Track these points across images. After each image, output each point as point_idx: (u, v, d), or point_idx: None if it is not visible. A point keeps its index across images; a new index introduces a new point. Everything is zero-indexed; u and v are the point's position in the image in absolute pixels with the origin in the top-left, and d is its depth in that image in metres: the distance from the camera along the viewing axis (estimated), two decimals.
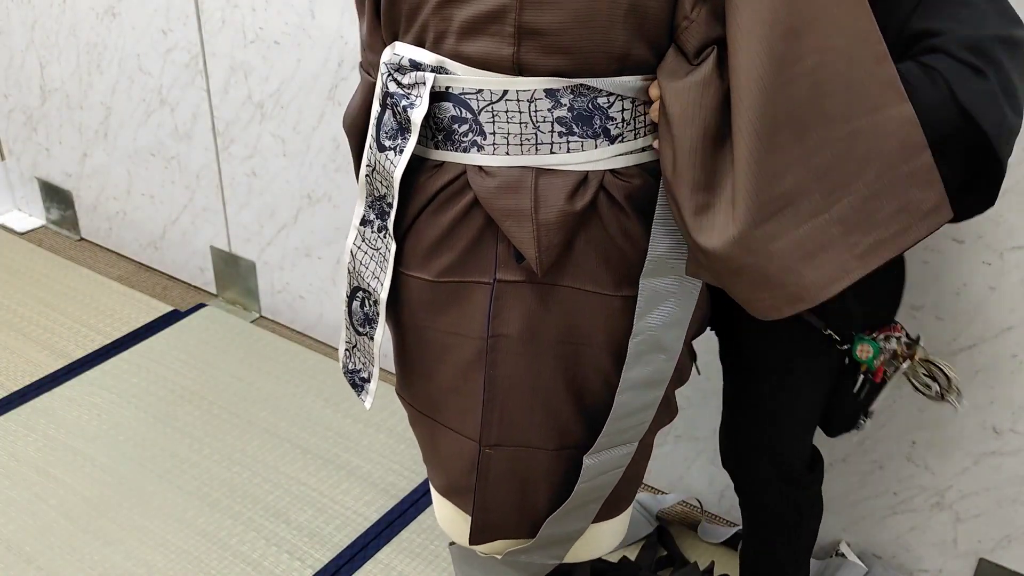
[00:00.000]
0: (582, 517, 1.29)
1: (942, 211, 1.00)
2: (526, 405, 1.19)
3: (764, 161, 0.96)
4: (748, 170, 0.97)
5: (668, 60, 1.04)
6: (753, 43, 0.95)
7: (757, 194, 0.97)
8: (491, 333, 1.15)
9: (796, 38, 0.94)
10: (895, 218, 1.00)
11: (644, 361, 1.17)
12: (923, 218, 1.00)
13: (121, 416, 2.27)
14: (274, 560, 1.90)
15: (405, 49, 1.10)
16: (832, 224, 0.99)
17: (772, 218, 0.98)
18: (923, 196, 0.99)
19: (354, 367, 1.32)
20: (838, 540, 1.87)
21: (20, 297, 2.73)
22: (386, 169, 1.14)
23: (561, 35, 1.01)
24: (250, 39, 2.28)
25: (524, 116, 1.06)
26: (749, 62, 0.95)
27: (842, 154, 0.98)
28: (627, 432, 1.22)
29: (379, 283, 1.20)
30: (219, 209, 2.61)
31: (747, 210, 0.97)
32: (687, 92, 1.01)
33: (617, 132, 1.08)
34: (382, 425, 2.25)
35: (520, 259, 1.12)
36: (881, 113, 0.97)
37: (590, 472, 1.22)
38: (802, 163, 0.97)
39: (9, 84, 2.94)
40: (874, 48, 0.97)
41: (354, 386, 1.33)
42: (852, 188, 0.99)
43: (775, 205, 0.98)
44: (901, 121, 0.98)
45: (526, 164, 1.08)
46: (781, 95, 0.95)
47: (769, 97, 0.95)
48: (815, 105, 0.97)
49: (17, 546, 1.92)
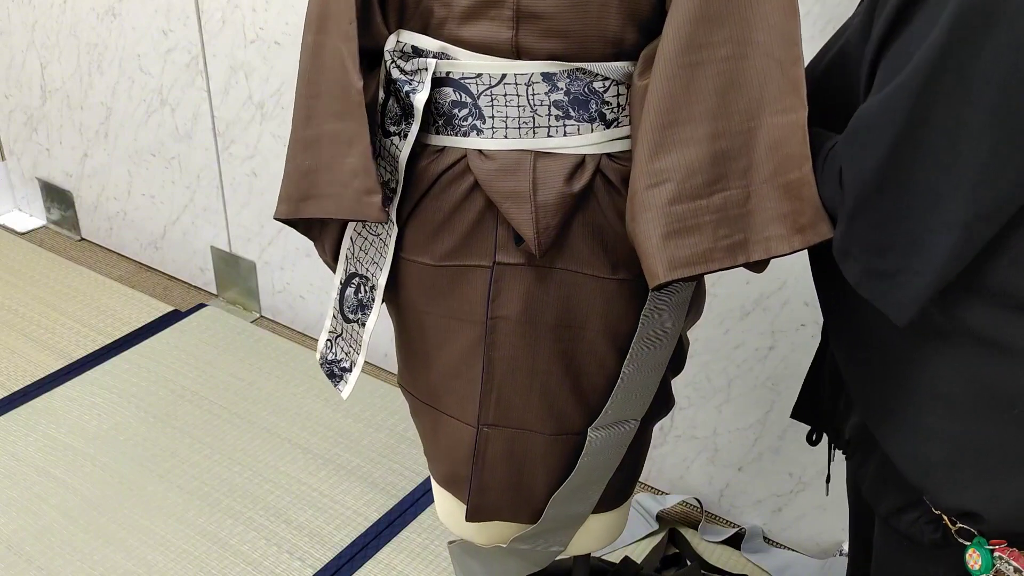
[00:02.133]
0: (584, 499, 1.30)
1: (819, 228, 1.00)
2: (524, 387, 1.20)
3: (656, 131, 1.00)
4: (644, 137, 1.01)
5: (651, 47, 1.07)
6: (671, 23, 1.00)
7: (647, 160, 1.01)
8: (490, 315, 1.17)
9: (710, 25, 0.98)
10: (771, 224, 1.01)
11: (652, 337, 1.20)
12: (799, 231, 1.00)
13: (121, 416, 2.27)
14: (274, 560, 1.90)
15: (408, 36, 1.12)
16: (707, 211, 1.00)
17: (654, 187, 1.01)
18: (800, 209, 1.00)
19: (334, 357, 1.33)
20: (840, 541, 1.87)
21: (21, 297, 2.73)
22: (391, 154, 1.16)
23: (558, 18, 1.04)
24: (250, 39, 2.28)
25: (522, 100, 1.09)
26: (664, 40, 1.00)
27: (738, 148, 1.00)
28: (630, 407, 1.24)
29: (378, 268, 1.22)
30: (219, 209, 2.61)
31: (638, 173, 1.02)
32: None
33: (613, 117, 1.11)
34: (382, 425, 2.25)
35: (519, 242, 1.14)
36: (784, 116, 1.00)
37: (593, 446, 1.24)
38: (695, 145, 1.00)
39: (10, 84, 2.94)
40: (793, 51, 0.99)
41: (331, 376, 1.34)
42: (736, 183, 1.01)
43: (659, 176, 1.01)
44: (795, 128, 1.00)
45: (525, 148, 1.11)
46: (682, 76, 0.99)
47: (669, 74, 0.99)
48: (722, 94, 1.00)
49: (17, 546, 1.92)
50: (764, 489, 1.93)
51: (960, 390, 0.90)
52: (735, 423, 1.91)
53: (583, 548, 1.45)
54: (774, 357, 1.81)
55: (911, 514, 1.00)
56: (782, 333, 1.78)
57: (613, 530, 1.42)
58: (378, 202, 1.11)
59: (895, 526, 1.02)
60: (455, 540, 1.43)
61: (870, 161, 0.87)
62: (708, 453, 1.97)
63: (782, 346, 1.79)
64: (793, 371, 1.81)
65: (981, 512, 0.91)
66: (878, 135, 0.86)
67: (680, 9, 0.98)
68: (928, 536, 0.99)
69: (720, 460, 1.96)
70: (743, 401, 1.88)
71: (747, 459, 1.93)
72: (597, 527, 1.39)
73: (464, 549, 1.41)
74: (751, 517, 1.98)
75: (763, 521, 1.96)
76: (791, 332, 1.77)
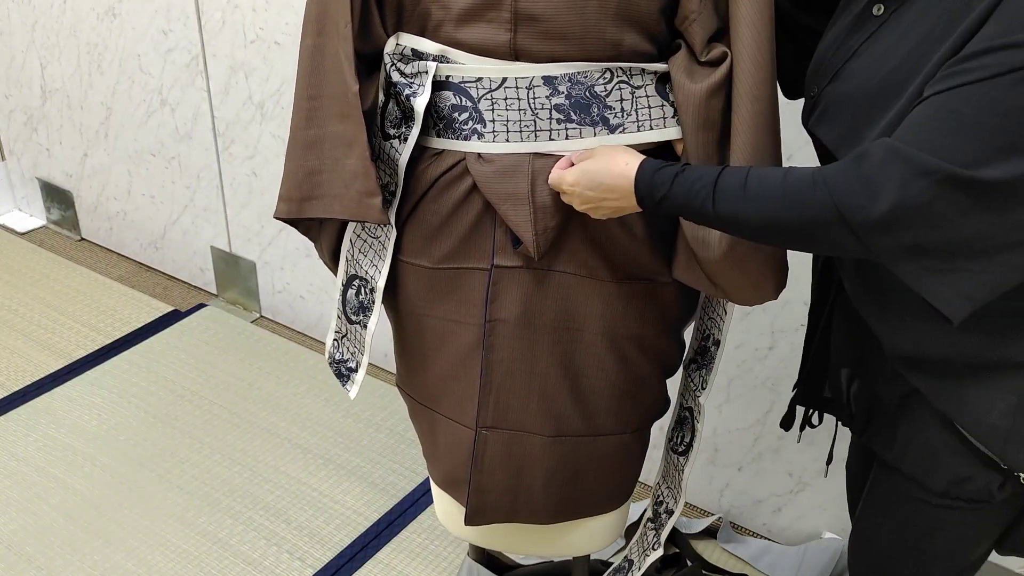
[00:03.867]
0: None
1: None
2: (522, 390, 1.20)
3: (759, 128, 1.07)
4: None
5: (680, 56, 1.08)
6: (756, 32, 1.04)
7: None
8: (488, 318, 1.17)
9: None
10: None
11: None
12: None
13: (121, 416, 2.27)
14: (274, 560, 1.90)
15: (407, 39, 1.12)
16: None
17: None
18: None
19: (341, 357, 1.33)
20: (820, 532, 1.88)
21: (21, 297, 2.73)
22: (391, 157, 1.16)
23: (555, 20, 1.04)
24: (250, 39, 2.28)
25: (523, 103, 1.09)
26: (754, 49, 1.04)
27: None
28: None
29: (377, 271, 1.22)
30: (219, 209, 2.61)
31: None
32: (700, 99, 1.07)
33: (617, 122, 1.10)
34: (382, 425, 2.25)
35: (517, 244, 1.14)
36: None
37: None
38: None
39: (10, 84, 2.94)
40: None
41: (339, 376, 1.35)
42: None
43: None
44: None
45: (525, 151, 1.10)
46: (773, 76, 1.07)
47: (766, 76, 1.05)
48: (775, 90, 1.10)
49: (17, 546, 1.92)
50: (764, 489, 1.93)
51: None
52: (735, 423, 1.91)
53: (582, 549, 1.45)
54: (774, 357, 1.81)
55: (980, 480, 1.06)
56: (782, 333, 1.78)
57: (612, 531, 1.42)
58: (378, 204, 1.12)
59: (958, 495, 1.07)
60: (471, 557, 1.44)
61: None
62: (708, 453, 1.97)
63: (782, 346, 1.79)
64: (793, 371, 1.79)
65: None
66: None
67: (757, 21, 1.05)
68: (997, 496, 1.06)
69: (720, 460, 1.96)
70: (743, 401, 1.88)
71: (747, 459, 1.93)
72: (596, 528, 1.39)
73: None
74: (751, 517, 1.98)
75: (763, 521, 1.96)
76: (791, 332, 1.77)
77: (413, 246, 1.19)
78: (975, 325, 0.95)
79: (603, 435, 1.27)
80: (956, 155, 0.85)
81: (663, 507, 1.42)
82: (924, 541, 1.14)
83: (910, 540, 1.15)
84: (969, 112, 0.85)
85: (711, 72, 1.05)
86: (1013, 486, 1.05)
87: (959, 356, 1.01)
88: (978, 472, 1.05)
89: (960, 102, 0.85)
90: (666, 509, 1.41)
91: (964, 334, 0.99)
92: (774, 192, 0.94)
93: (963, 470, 1.06)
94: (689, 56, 1.08)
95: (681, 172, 0.99)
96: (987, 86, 0.84)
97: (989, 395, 1.01)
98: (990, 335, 0.99)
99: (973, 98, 0.85)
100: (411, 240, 1.19)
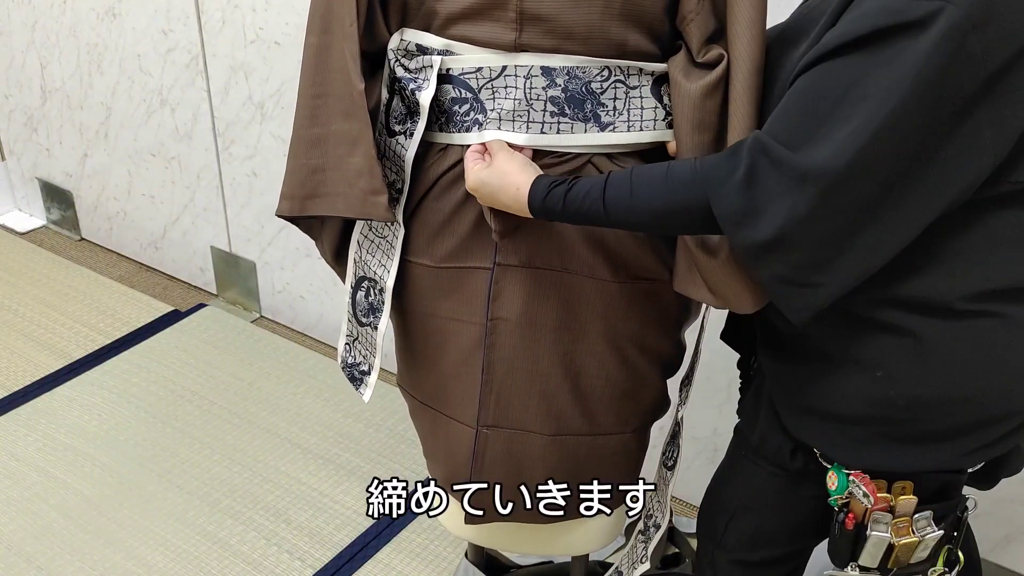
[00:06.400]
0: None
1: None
2: (523, 389, 1.21)
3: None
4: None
5: (679, 56, 1.09)
6: (756, 34, 1.04)
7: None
8: (490, 317, 1.17)
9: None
10: None
11: None
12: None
13: (121, 416, 2.27)
14: (274, 560, 1.90)
15: (412, 34, 1.12)
16: None
17: None
18: None
19: (353, 360, 1.33)
20: None
21: (21, 297, 2.73)
22: (396, 154, 1.16)
23: (560, 20, 1.05)
24: (250, 39, 2.28)
25: (519, 92, 1.09)
26: (753, 50, 1.04)
27: None
28: None
29: (386, 270, 1.21)
30: (219, 209, 2.61)
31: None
32: (695, 98, 1.07)
33: (608, 120, 1.10)
34: (382, 425, 2.25)
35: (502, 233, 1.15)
36: None
37: None
38: None
39: (10, 84, 2.94)
40: None
41: (352, 380, 1.35)
42: None
43: None
44: None
45: (519, 143, 1.11)
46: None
47: (757, 78, 1.05)
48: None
49: (17, 546, 1.92)
50: None
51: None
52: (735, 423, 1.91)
53: (581, 549, 1.45)
54: None
55: (774, 442, 1.19)
56: None
57: (611, 530, 1.42)
58: (384, 202, 1.12)
59: (764, 453, 1.22)
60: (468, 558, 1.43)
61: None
62: (708, 453, 1.97)
63: None
64: None
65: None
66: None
67: (754, 24, 1.05)
68: (791, 464, 1.18)
69: (720, 460, 1.96)
70: None
71: None
72: (595, 527, 1.39)
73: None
74: None
75: None
76: None
77: (416, 245, 1.19)
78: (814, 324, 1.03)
79: (603, 434, 1.27)
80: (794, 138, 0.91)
81: (652, 520, 1.43)
82: (730, 486, 1.30)
83: (724, 479, 1.32)
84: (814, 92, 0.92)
85: (706, 73, 1.05)
86: (804, 456, 1.15)
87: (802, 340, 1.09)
88: (774, 434, 1.18)
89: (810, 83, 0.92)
90: (655, 523, 1.41)
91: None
92: (658, 189, 1.00)
93: (769, 432, 1.19)
94: (687, 56, 1.08)
95: (569, 190, 1.04)
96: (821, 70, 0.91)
97: (806, 373, 1.10)
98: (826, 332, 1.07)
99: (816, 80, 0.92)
100: (414, 239, 1.19)
